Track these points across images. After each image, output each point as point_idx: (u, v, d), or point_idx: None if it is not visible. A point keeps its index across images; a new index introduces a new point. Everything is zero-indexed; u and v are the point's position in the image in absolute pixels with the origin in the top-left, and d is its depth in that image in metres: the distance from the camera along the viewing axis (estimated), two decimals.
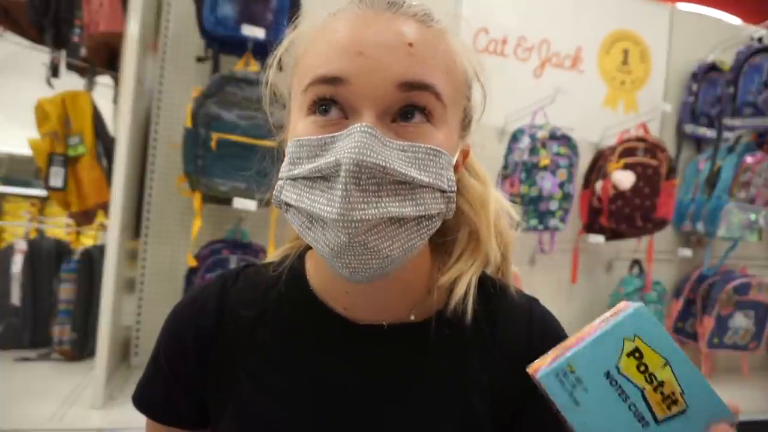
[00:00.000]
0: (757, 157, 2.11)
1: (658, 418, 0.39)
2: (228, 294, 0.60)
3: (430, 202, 0.48)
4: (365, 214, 0.44)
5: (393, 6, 0.50)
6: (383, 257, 0.47)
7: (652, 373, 0.39)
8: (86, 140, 1.74)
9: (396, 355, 0.56)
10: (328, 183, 0.46)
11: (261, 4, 1.58)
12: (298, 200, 0.49)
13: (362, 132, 0.45)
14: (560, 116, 1.99)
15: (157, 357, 0.61)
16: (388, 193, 0.46)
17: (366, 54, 0.47)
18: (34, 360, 1.69)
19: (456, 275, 0.57)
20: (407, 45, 0.47)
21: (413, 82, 0.47)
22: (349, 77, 0.46)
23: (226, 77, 1.49)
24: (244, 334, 0.58)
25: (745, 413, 2.10)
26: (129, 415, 1.33)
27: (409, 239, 0.48)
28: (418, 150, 0.47)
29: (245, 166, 0.71)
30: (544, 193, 1.90)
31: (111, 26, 1.66)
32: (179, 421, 0.61)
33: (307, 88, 0.49)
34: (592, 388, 0.39)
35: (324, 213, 0.46)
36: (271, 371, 0.56)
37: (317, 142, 0.48)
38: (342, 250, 0.46)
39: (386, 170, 0.45)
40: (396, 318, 0.57)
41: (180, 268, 1.67)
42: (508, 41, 2.13)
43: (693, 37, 2.36)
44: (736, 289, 2.14)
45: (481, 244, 0.59)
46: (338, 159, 0.44)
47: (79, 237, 2.55)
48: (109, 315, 1.39)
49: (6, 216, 3.25)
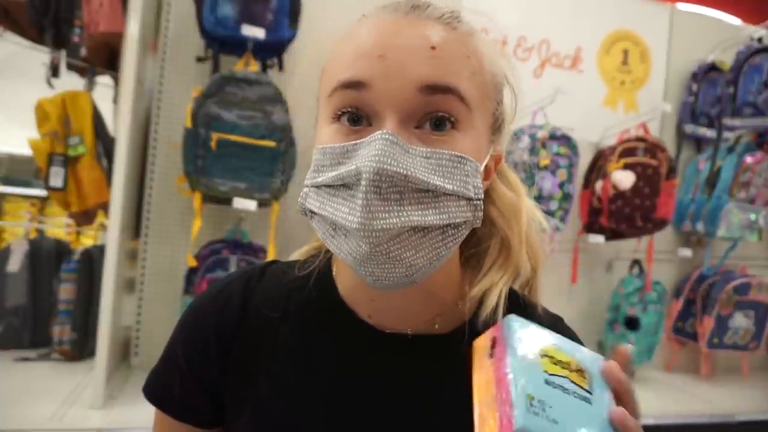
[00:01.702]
0: (757, 157, 2.11)
1: (587, 389, 0.41)
2: (253, 291, 0.60)
3: (455, 210, 0.47)
4: (386, 223, 0.44)
5: (417, 9, 0.50)
6: (407, 266, 0.46)
7: (557, 360, 0.42)
8: (86, 140, 1.74)
9: (418, 365, 0.55)
10: (350, 191, 0.46)
11: (261, 4, 1.58)
12: (321, 208, 0.48)
13: (383, 139, 0.44)
14: (560, 116, 1.99)
15: (174, 350, 0.60)
16: (410, 202, 0.45)
17: (387, 57, 0.46)
18: (34, 360, 1.69)
19: (487, 286, 0.56)
20: (429, 48, 0.47)
21: (436, 85, 0.46)
22: (370, 81, 0.46)
23: (226, 77, 1.49)
24: (267, 334, 0.57)
25: (745, 413, 2.09)
26: (129, 415, 1.33)
27: (435, 248, 0.47)
28: (441, 156, 0.46)
29: (245, 166, 0.71)
30: (544, 193, 1.90)
31: (111, 26, 1.66)
32: (195, 418, 0.60)
33: (332, 93, 0.48)
34: (550, 400, 0.39)
35: (345, 222, 0.45)
36: (292, 373, 0.56)
37: (340, 149, 0.47)
38: (364, 259, 0.45)
39: (408, 178, 0.44)
40: (421, 327, 0.56)
41: (180, 268, 1.67)
42: (508, 41, 2.13)
43: (693, 37, 2.36)
44: (736, 289, 2.14)
45: (512, 255, 0.57)
46: (359, 167, 0.44)
47: (79, 237, 2.55)
48: (109, 315, 1.39)
49: (6, 216, 3.25)
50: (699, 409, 1.88)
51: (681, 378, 2.22)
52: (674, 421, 1.76)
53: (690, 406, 1.90)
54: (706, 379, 2.21)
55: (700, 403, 1.94)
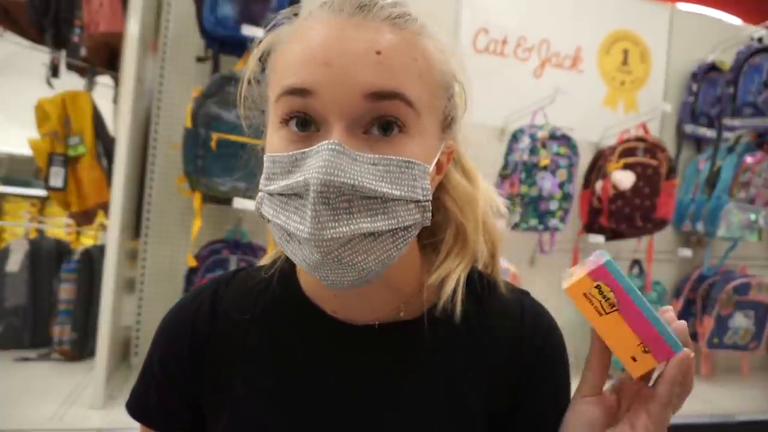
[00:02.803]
0: (757, 157, 2.11)
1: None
2: (221, 298, 0.61)
3: (403, 214, 0.47)
4: (336, 232, 0.44)
5: (363, 9, 0.48)
6: (359, 270, 0.47)
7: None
8: (86, 140, 1.74)
9: (388, 355, 0.56)
10: (300, 200, 0.46)
11: (261, 4, 1.58)
12: (275, 215, 0.49)
13: (329, 150, 0.44)
14: (560, 116, 1.99)
15: (150, 363, 0.61)
16: (359, 209, 0.45)
17: (332, 65, 0.46)
18: (34, 360, 1.69)
19: (444, 274, 0.57)
20: (375, 53, 0.46)
21: (381, 91, 0.46)
22: (315, 89, 0.46)
23: (226, 77, 1.49)
24: (238, 338, 0.58)
25: (745, 413, 2.09)
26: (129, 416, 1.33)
27: (385, 251, 0.47)
28: (389, 163, 0.46)
29: (245, 166, 0.71)
30: (544, 193, 1.90)
31: (111, 26, 1.66)
32: (174, 426, 0.61)
33: (278, 98, 0.48)
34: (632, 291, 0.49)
35: (297, 231, 0.46)
36: (265, 374, 0.56)
37: (288, 159, 0.47)
38: (317, 265, 0.46)
39: (355, 188, 0.44)
40: (386, 317, 0.57)
41: (180, 268, 1.67)
42: (508, 41, 2.13)
43: (693, 37, 2.36)
44: (736, 289, 2.14)
45: (468, 242, 0.59)
46: (306, 179, 0.44)
47: (79, 237, 2.55)
48: (109, 315, 1.39)
49: (6, 216, 3.25)
50: (699, 409, 1.88)
51: None
52: (674, 421, 1.74)
53: (690, 406, 1.87)
54: (706, 379, 2.21)
55: (700, 403, 1.94)
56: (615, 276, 0.48)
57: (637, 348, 0.48)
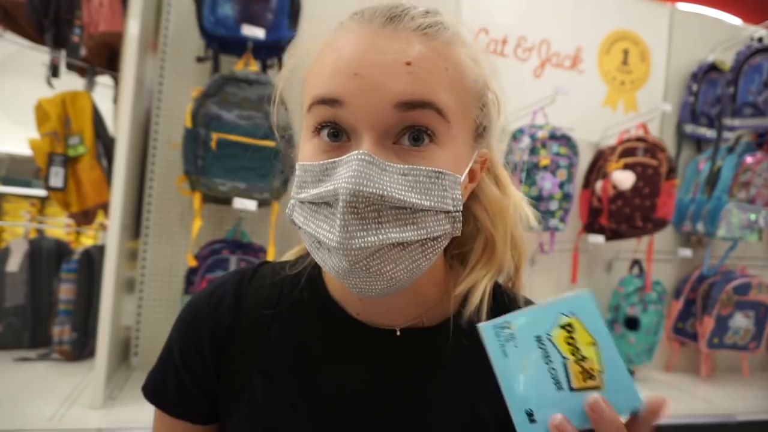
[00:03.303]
0: (757, 157, 2.11)
1: (573, 386, 0.42)
2: (245, 291, 0.61)
3: (432, 224, 0.48)
4: (364, 242, 0.45)
5: (394, 20, 0.49)
6: (388, 279, 0.47)
7: (578, 348, 0.43)
8: (86, 140, 1.74)
9: (407, 360, 0.56)
10: (330, 209, 0.47)
11: (261, 4, 1.58)
12: (305, 223, 0.50)
13: (359, 160, 0.45)
14: (560, 116, 1.99)
15: (170, 349, 0.61)
16: (388, 219, 0.46)
17: (362, 75, 0.46)
18: (34, 360, 1.69)
19: (471, 284, 0.57)
20: (405, 64, 0.46)
21: (412, 100, 0.46)
22: (346, 98, 0.46)
23: (226, 77, 1.49)
24: (260, 332, 0.58)
25: (745, 413, 2.09)
26: (129, 415, 1.33)
27: (414, 260, 0.48)
28: (419, 173, 0.47)
29: (245, 166, 0.72)
30: (544, 193, 1.90)
31: (111, 26, 1.66)
32: (190, 415, 0.61)
33: (310, 108, 0.49)
34: (522, 346, 0.43)
35: (326, 239, 0.46)
36: (284, 371, 0.57)
37: (319, 168, 0.48)
38: (346, 273, 0.47)
39: (384, 198, 0.45)
40: (409, 323, 0.57)
41: (180, 268, 1.67)
42: (508, 41, 2.13)
43: (693, 37, 2.36)
44: (736, 289, 2.14)
45: (496, 254, 0.58)
46: (336, 188, 0.45)
47: (79, 237, 2.55)
48: (109, 315, 1.39)
49: (6, 216, 3.25)
50: (699, 409, 1.88)
51: (681, 378, 2.22)
52: (674, 421, 1.75)
53: (690, 406, 1.90)
54: (706, 379, 2.21)
55: (700, 403, 1.94)
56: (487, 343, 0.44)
57: None
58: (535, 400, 0.42)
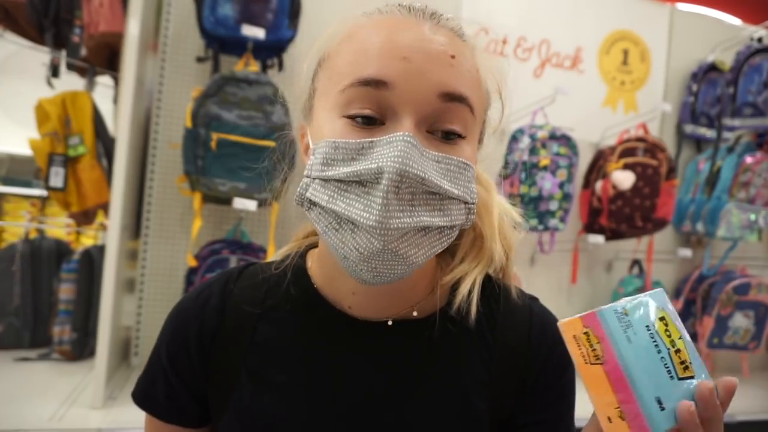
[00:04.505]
0: (756, 157, 2.11)
1: (679, 375, 0.44)
2: (231, 292, 0.61)
3: (455, 213, 0.50)
4: (401, 222, 0.45)
5: (434, 17, 0.51)
6: (409, 264, 0.48)
7: (673, 340, 0.45)
8: (86, 140, 1.74)
9: (399, 352, 0.57)
10: (364, 188, 0.47)
11: (261, 4, 1.58)
12: (331, 202, 0.48)
13: (405, 141, 0.45)
14: (560, 116, 1.99)
15: (158, 354, 0.61)
16: (420, 203, 0.47)
17: (411, 60, 0.47)
18: (34, 360, 1.69)
19: (460, 275, 0.58)
20: (450, 57, 0.49)
21: (454, 93, 0.48)
22: (393, 81, 0.47)
23: (226, 77, 1.49)
24: (246, 332, 0.58)
25: (745, 413, 2.08)
26: (129, 415, 1.33)
27: (432, 247, 0.49)
28: (450, 162, 0.49)
29: (245, 166, 0.72)
30: (544, 193, 1.90)
31: (111, 26, 1.66)
32: (181, 419, 0.61)
33: (346, 88, 0.48)
34: (639, 333, 0.44)
35: (360, 218, 0.46)
36: (273, 368, 0.57)
37: (355, 145, 0.48)
38: (372, 255, 0.46)
39: (424, 181, 0.46)
40: (399, 315, 0.58)
41: (180, 268, 1.67)
42: (508, 41, 2.13)
43: (693, 37, 2.36)
44: (736, 289, 2.14)
45: (485, 246, 0.60)
46: (381, 167, 0.45)
47: (79, 237, 2.55)
48: (109, 315, 1.39)
49: (6, 216, 3.25)
50: None
51: None
52: None
53: None
54: None
55: None
56: (606, 328, 0.44)
57: (614, 410, 0.43)
58: (659, 389, 0.43)
